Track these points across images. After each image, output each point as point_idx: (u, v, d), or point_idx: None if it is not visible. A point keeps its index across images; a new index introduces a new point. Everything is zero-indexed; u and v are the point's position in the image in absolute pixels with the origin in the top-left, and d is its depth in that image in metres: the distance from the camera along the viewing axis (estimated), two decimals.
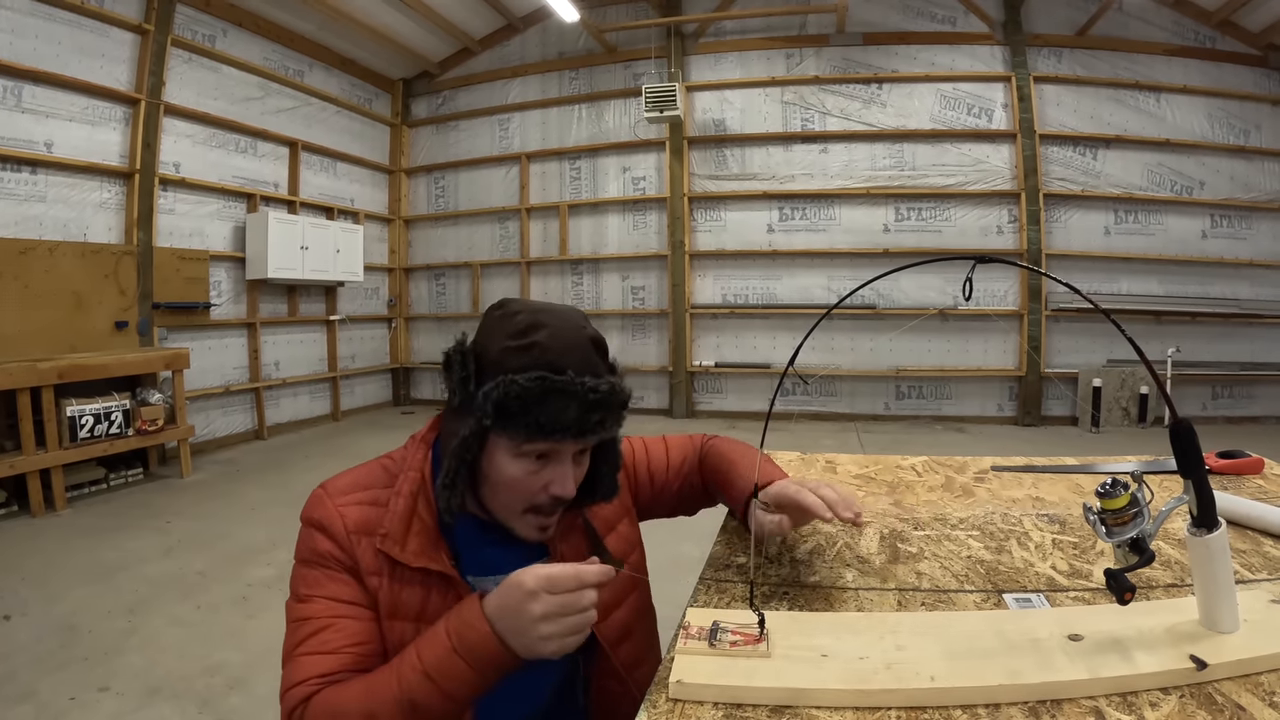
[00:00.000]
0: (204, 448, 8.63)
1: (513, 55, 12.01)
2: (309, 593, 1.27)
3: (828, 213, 10.64)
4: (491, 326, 1.30)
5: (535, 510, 1.29)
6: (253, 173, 9.62)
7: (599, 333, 1.33)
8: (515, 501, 1.28)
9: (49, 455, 6.23)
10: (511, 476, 1.25)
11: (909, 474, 2.19)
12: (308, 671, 1.19)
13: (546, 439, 1.22)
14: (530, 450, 1.24)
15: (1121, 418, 9.70)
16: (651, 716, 0.97)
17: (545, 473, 1.26)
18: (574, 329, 1.28)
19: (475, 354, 1.29)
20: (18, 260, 6.66)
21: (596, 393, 1.23)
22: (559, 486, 1.26)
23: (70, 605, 4.40)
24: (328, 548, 1.28)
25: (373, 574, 1.27)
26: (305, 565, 1.30)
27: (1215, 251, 9.82)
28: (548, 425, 1.20)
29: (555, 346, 1.23)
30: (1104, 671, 0.96)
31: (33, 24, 6.97)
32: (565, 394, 1.20)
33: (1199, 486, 1.03)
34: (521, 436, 1.22)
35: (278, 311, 10.14)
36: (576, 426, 1.22)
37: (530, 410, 1.19)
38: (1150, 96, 9.88)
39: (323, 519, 1.31)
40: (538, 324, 1.25)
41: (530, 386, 1.19)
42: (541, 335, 1.23)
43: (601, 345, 1.32)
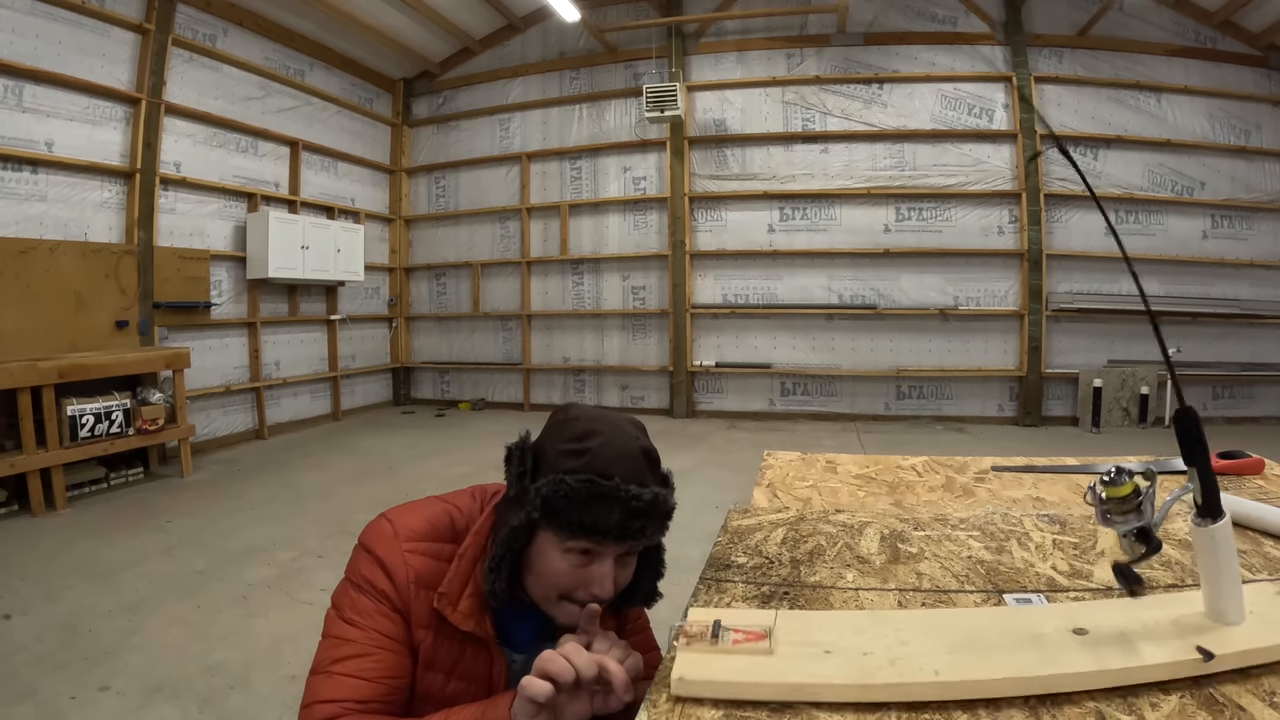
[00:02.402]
0: (204, 447, 8.64)
1: (513, 55, 12.02)
2: (356, 618, 1.33)
3: (828, 213, 10.64)
4: (552, 429, 1.37)
5: (571, 599, 1.33)
6: (253, 172, 9.63)
7: (652, 445, 1.39)
8: (554, 591, 1.33)
9: (49, 454, 6.23)
10: (555, 570, 1.31)
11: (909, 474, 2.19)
12: (340, 693, 1.26)
13: (589, 539, 1.28)
14: (574, 547, 1.29)
15: (1122, 418, 9.70)
16: (652, 716, 0.97)
17: (587, 570, 1.31)
18: (628, 439, 1.34)
19: (534, 452, 1.36)
20: (18, 260, 6.66)
21: (639, 501, 1.27)
22: (598, 586, 1.31)
23: (70, 604, 4.40)
24: (385, 587, 1.34)
25: (421, 626, 1.35)
26: (358, 590, 1.36)
27: (1216, 252, 9.83)
28: (591, 526, 1.26)
29: (606, 455, 1.29)
30: (1110, 664, 0.96)
31: (33, 23, 6.97)
32: (610, 499, 1.26)
33: (1203, 474, 1.02)
34: (566, 534, 1.28)
35: (278, 311, 10.15)
36: (618, 530, 1.27)
37: (576, 510, 1.26)
38: (1151, 97, 9.88)
39: (387, 560, 1.36)
40: (593, 432, 1.32)
41: (578, 488, 1.25)
42: (595, 442, 1.30)
43: (653, 456, 1.37)
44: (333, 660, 1.29)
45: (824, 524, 1.71)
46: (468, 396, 12.43)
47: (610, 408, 1.46)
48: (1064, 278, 10.01)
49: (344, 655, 1.30)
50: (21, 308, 6.68)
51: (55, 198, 7.20)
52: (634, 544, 1.33)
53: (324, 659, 1.30)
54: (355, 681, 1.27)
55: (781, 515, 1.79)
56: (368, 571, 1.36)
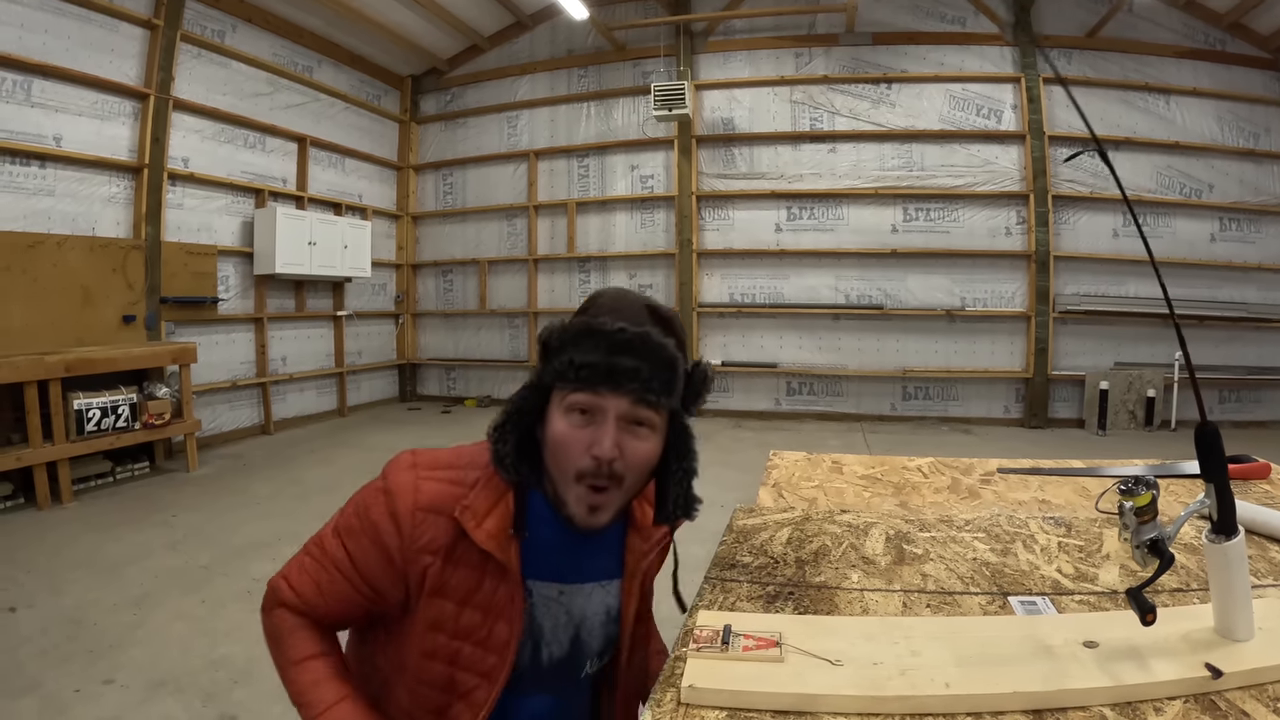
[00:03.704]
0: (210, 442, 8.65)
1: (521, 53, 12.02)
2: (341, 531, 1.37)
3: (836, 213, 10.63)
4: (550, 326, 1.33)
5: (582, 478, 1.26)
6: (261, 168, 9.63)
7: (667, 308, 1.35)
8: (565, 464, 1.26)
9: (56, 448, 6.24)
10: (559, 433, 1.25)
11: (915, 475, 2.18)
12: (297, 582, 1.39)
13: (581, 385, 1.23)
14: (573, 403, 1.24)
15: (1128, 421, 9.68)
16: (656, 716, 0.97)
17: (588, 432, 1.24)
18: (633, 296, 1.33)
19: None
20: (26, 254, 6.67)
21: (624, 334, 1.22)
22: (597, 446, 1.23)
23: (75, 598, 4.41)
24: (377, 518, 1.32)
25: (426, 553, 1.29)
26: (357, 509, 1.36)
27: (1224, 255, 9.79)
28: (580, 366, 1.22)
29: (608, 305, 1.29)
30: (1120, 679, 0.96)
31: (42, 18, 6.98)
32: (594, 335, 1.23)
33: (1220, 491, 1.02)
34: (565, 386, 1.24)
35: (285, 307, 10.16)
36: (605, 368, 1.21)
37: (564, 351, 1.24)
38: (1160, 98, 9.85)
39: (394, 488, 1.32)
40: (601, 292, 1.33)
41: (566, 328, 1.26)
42: (600, 299, 1.31)
43: (659, 311, 1.32)
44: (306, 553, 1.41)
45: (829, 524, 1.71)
46: (474, 393, 12.44)
47: None
48: (1071, 279, 9.98)
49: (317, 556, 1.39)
50: (29, 302, 6.68)
51: (63, 192, 7.21)
52: (628, 390, 1.23)
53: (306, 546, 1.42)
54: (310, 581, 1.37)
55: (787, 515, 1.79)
56: (371, 497, 1.35)
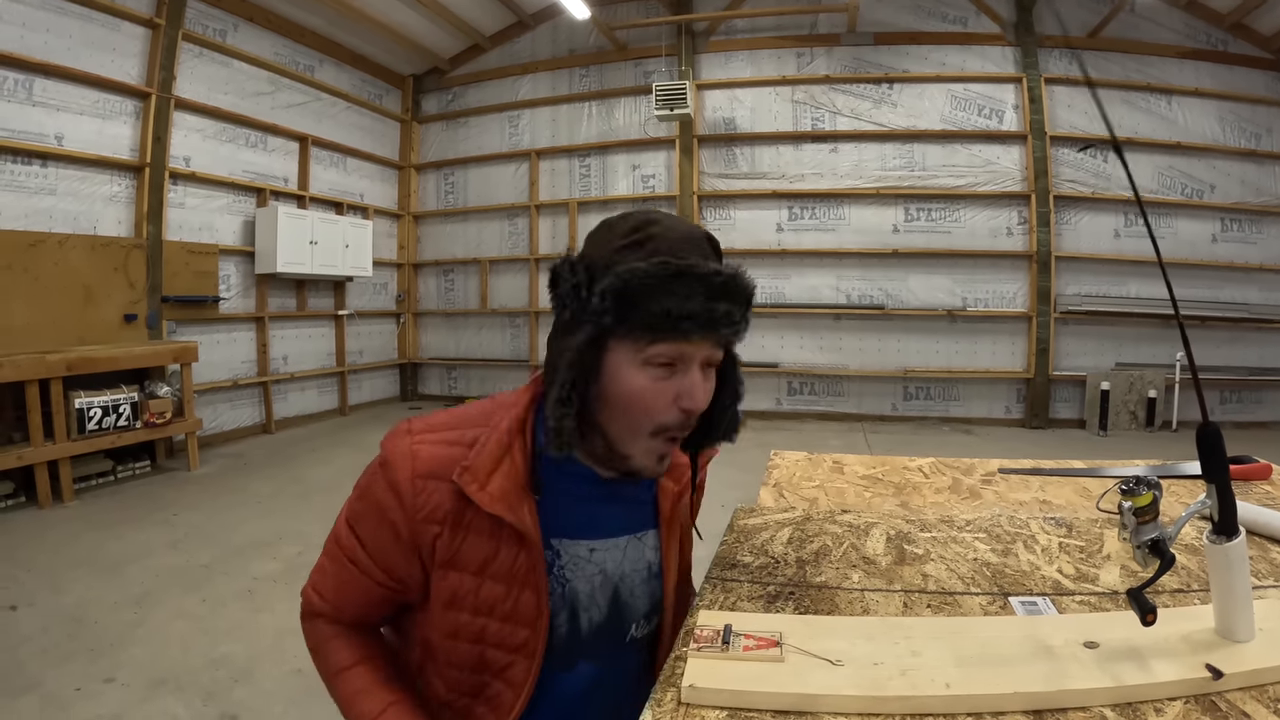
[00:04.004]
0: (211, 441, 8.66)
1: (523, 52, 12.02)
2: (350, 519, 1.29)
3: (837, 212, 10.63)
4: (599, 236, 1.19)
5: (662, 432, 1.16)
6: (263, 167, 9.64)
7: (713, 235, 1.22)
8: (642, 422, 1.15)
9: (57, 447, 6.24)
10: (638, 388, 1.12)
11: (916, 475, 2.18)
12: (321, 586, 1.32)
13: (673, 335, 1.10)
14: (656, 356, 1.11)
15: (1129, 421, 9.68)
16: (656, 716, 0.97)
17: (672, 383, 1.13)
18: (688, 224, 1.19)
19: (585, 264, 1.16)
20: (27, 253, 6.67)
21: (721, 276, 1.11)
22: (688, 399, 1.13)
23: (76, 597, 4.41)
24: (378, 494, 1.21)
25: (432, 522, 1.17)
26: (360, 498, 1.27)
27: (1225, 255, 9.79)
28: (676, 315, 1.08)
29: (672, 238, 1.13)
30: (1120, 680, 0.96)
31: (44, 18, 6.98)
32: (689, 279, 1.08)
33: (1222, 492, 1.02)
34: (646, 337, 1.10)
35: (286, 306, 10.17)
36: (705, 316, 1.09)
37: (654, 298, 1.07)
38: (1161, 99, 9.85)
39: (390, 458, 1.20)
40: (651, 220, 1.16)
41: (653, 271, 1.07)
42: (655, 229, 1.14)
43: (715, 242, 1.20)
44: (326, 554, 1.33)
45: (830, 524, 1.71)
46: (475, 393, 12.42)
47: None
48: (1072, 280, 9.98)
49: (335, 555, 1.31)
50: (30, 301, 6.69)
51: (65, 191, 7.21)
52: (724, 335, 1.14)
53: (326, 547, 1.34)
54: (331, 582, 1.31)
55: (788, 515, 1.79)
56: (370, 476, 1.24)
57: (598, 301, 1.10)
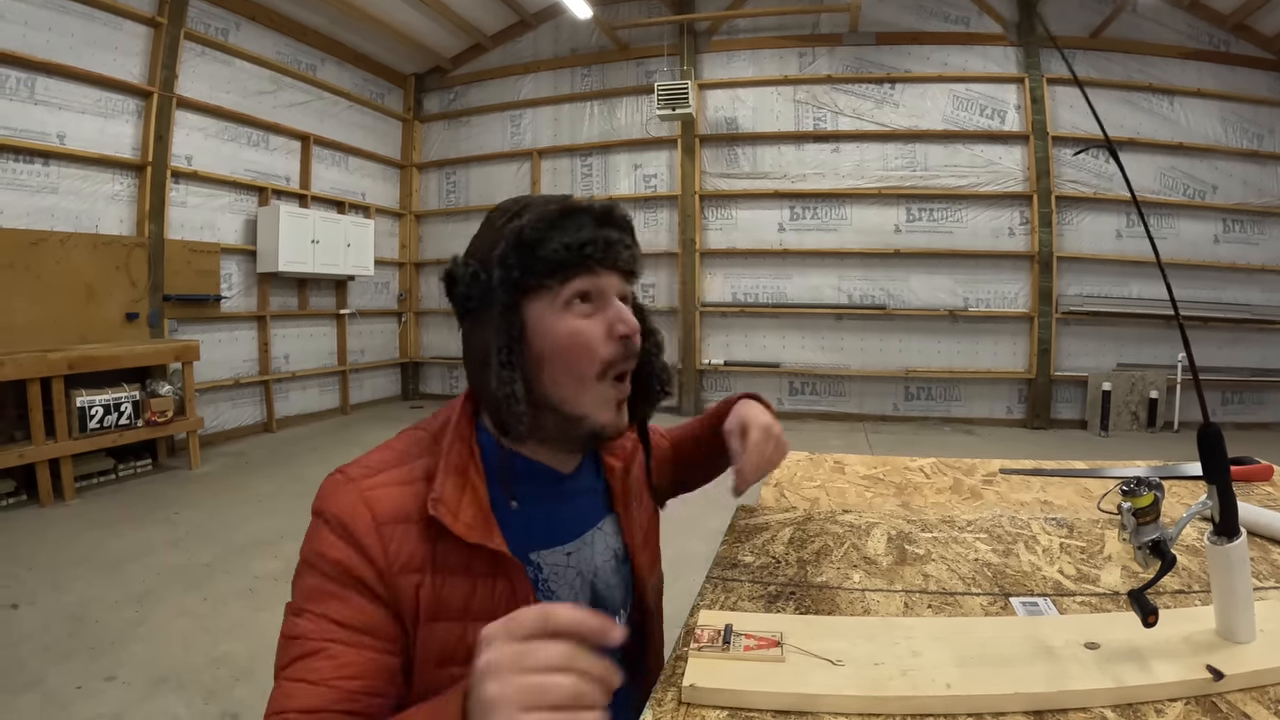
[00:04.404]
0: (213, 440, 8.66)
1: (525, 51, 12.02)
2: (304, 606, 1.06)
3: (839, 212, 10.62)
4: (480, 231, 1.22)
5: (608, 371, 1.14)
6: (264, 166, 9.65)
7: None
8: (585, 363, 1.13)
9: (58, 445, 6.25)
10: (571, 329, 1.12)
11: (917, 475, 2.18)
12: (288, 703, 0.98)
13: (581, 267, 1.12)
14: (572, 293, 1.12)
15: (1130, 422, 9.67)
16: (656, 715, 0.97)
17: (600, 317, 1.14)
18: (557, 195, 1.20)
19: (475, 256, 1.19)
20: (29, 251, 6.68)
21: (599, 205, 1.16)
22: (622, 324, 1.13)
23: (78, 595, 4.41)
24: (338, 555, 1.05)
25: (411, 571, 1.06)
26: (309, 569, 1.08)
27: (1227, 256, 9.78)
28: (574, 245, 1.10)
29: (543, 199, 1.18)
30: (1120, 681, 0.96)
31: (46, 16, 6.99)
32: (574, 214, 1.13)
33: (1223, 493, 1.02)
34: (557, 277, 1.11)
35: (288, 305, 10.17)
36: (602, 241, 1.12)
37: (550, 240, 1.10)
38: (1164, 99, 9.84)
39: (341, 514, 1.06)
40: (522, 197, 1.21)
41: (543, 214, 1.12)
42: (528, 200, 1.19)
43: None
44: (284, 664, 1.03)
45: (831, 524, 1.71)
46: None
47: None
48: (1074, 280, 9.97)
49: (293, 657, 1.02)
50: (32, 299, 6.69)
51: (67, 190, 7.22)
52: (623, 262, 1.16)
53: (279, 662, 1.04)
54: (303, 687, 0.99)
55: (789, 515, 1.79)
56: (316, 540, 1.07)
57: (499, 270, 1.11)
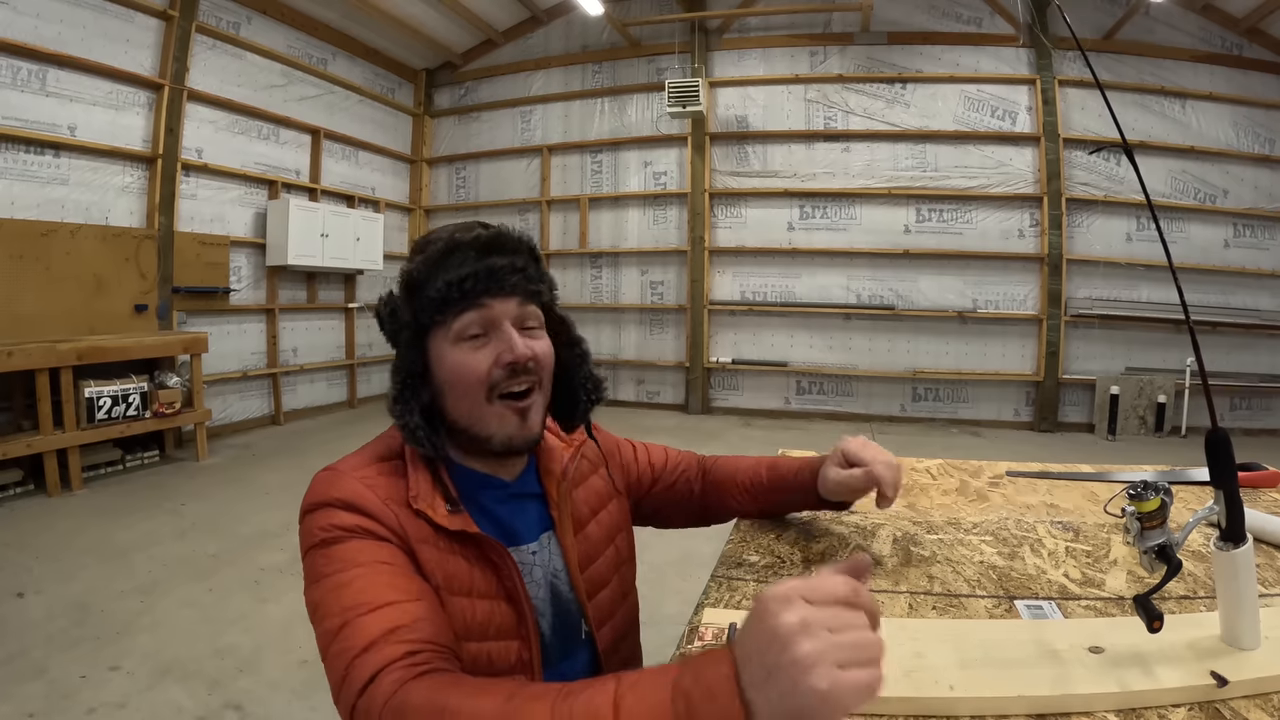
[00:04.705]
0: (220, 432, 8.68)
1: (536, 48, 12.02)
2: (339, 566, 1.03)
3: (848, 212, 10.61)
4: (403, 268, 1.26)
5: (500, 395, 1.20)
6: (275, 159, 9.67)
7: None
8: (473, 389, 1.19)
9: (66, 436, 6.27)
10: (459, 363, 1.19)
11: (923, 477, 2.18)
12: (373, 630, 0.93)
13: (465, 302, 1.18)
14: (463, 328, 1.19)
15: (1138, 426, 9.64)
16: None
17: (489, 348, 1.19)
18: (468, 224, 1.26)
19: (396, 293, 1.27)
20: (39, 242, 6.70)
21: (487, 229, 1.22)
22: (508, 352, 1.18)
23: (83, 585, 4.43)
24: (356, 522, 1.08)
25: (424, 542, 1.11)
26: (324, 546, 1.07)
27: (1237, 261, 9.74)
28: (459, 282, 1.17)
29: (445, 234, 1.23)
30: (1124, 685, 0.96)
31: (58, 8, 7.01)
32: (457, 249, 1.19)
33: (1230, 499, 1.02)
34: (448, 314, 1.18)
35: (297, 298, 10.19)
36: (485, 273, 1.18)
37: (434, 278, 1.18)
38: (1175, 103, 9.80)
39: (346, 496, 1.11)
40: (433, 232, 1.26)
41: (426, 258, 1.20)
42: (433, 234, 1.25)
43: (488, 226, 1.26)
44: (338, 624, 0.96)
45: (836, 524, 1.70)
46: None
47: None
48: (1083, 283, 9.94)
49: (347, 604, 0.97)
50: (42, 290, 6.72)
51: (77, 181, 7.24)
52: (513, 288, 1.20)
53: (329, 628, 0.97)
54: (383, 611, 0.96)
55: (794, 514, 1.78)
56: (323, 521, 1.09)
57: (401, 309, 1.23)
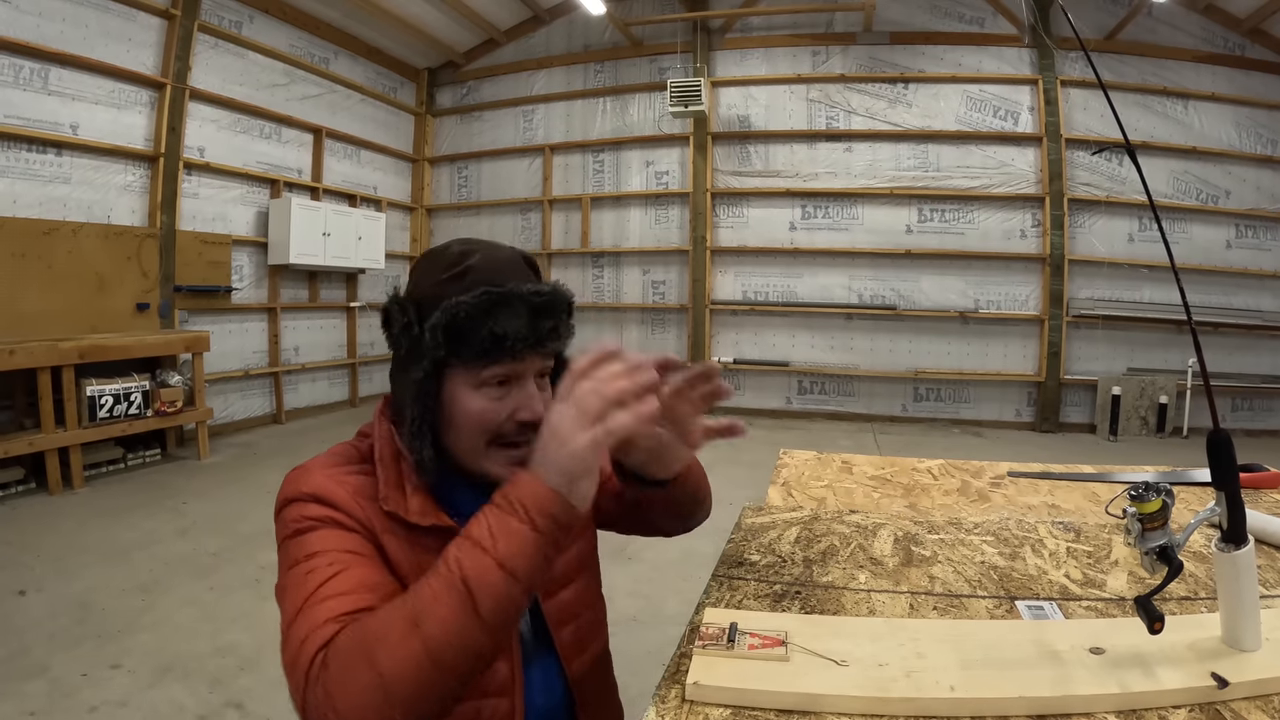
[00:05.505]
0: (222, 430, 8.69)
1: (538, 47, 12.02)
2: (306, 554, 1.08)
3: (850, 212, 10.60)
4: (422, 269, 1.25)
5: (501, 442, 1.20)
6: (277, 158, 9.67)
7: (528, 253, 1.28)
8: (480, 438, 1.19)
9: (68, 434, 6.28)
10: (475, 410, 1.17)
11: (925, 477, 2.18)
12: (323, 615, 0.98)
13: (503, 357, 1.15)
14: (490, 377, 1.17)
15: (1140, 427, 9.64)
16: (660, 712, 0.97)
17: (509, 400, 1.18)
18: (505, 249, 1.25)
19: (412, 300, 1.22)
20: (41, 241, 6.71)
21: (540, 295, 1.18)
22: (526, 411, 1.18)
23: (85, 583, 4.43)
24: (325, 513, 1.12)
25: (388, 533, 1.14)
26: (296, 536, 1.11)
27: (1239, 262, 9.73)
28: (502, 337, 1.13)
29: (489, 266, 1.19)
30: (1124, 687, 0.96)
31: (60, 7, 7.01)
32: (511, 302, 1.15)
33: (1231, 500, 1.02)
34: (479, 362, 1.15)
35: (298, 297, 10.19)
36: (530, 333, 1.16)
37: (481, 327, 1.13)
38: (1178, 103, 9.79)
39: (316, 490, 1.14)
40: (468, 251, 1.21)
41: (477, 302, 1.13)
42: (474, 259, 1.20)
43: (532, 262, 1.28)
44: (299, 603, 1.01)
45: (838, 524, 1.70)
46: None
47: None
48: (1085, 283, 9.94)
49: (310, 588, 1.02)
50: (44, 288, 6.72)
51: (79, 180, 7.24)
52: (549, 348, 1.21)
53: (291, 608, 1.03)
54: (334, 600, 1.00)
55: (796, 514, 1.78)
56: (298, 512, 1.13)
57: (429, 338, 1.15)
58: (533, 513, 0.95)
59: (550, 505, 0.95)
